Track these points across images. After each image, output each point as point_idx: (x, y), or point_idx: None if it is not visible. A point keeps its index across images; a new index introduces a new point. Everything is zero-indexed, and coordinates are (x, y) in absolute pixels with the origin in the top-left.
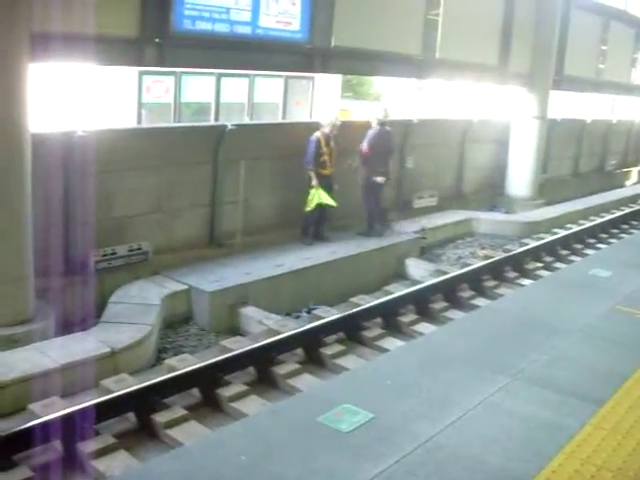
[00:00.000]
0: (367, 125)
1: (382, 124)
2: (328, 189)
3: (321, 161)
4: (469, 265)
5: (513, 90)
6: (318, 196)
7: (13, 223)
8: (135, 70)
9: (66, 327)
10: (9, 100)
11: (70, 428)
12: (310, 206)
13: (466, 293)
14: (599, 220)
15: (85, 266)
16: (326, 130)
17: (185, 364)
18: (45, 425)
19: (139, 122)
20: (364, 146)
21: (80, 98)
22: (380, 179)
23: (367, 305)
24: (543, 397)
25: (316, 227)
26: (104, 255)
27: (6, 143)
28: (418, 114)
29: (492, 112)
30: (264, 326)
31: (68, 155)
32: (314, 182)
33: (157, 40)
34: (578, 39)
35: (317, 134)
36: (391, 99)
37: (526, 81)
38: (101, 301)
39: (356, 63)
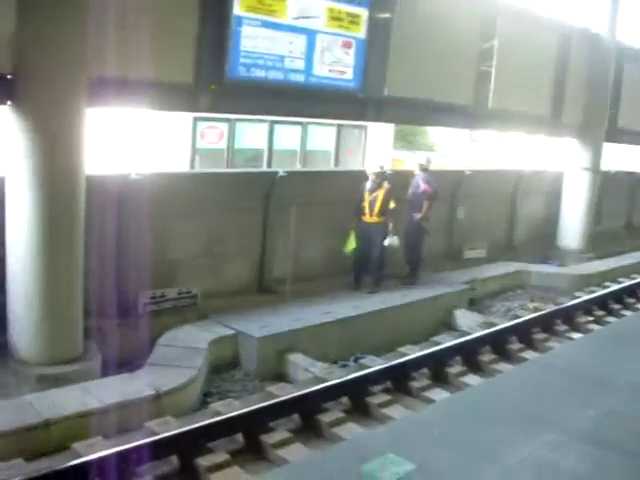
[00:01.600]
0: (411, 173)
1: (424, 170)
2: (367, 236)
3: (361, 207)
4: (518, 317)
5: (566, 142)
6: (349, 241)
7: (65, 264)
8: (190, 116)
9: (114, 368)
10: (67, 143)
11: (111, 469)
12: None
13: (515, 345)
14: None
15: (135, 308)
16: (370, 179)
17: (230, 409)
18: (86, 465)
19: (192, 167)
20: (425, 187)
21: (136, 142)
22: (428, 225)
23: (414, 355)
24: (591, 454)
25: (356, 275)
26: (154, 297)
27: (63, 187)
28: (470, 165)
29: (544, 163)
30: (310, 373)
31: (123, 198)
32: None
33: (212, 87)
34: (632, 90)
35: (366, 182)
36: (444, 149)
37: (579, 133)
38: (150, 343)
39: (408, 112)
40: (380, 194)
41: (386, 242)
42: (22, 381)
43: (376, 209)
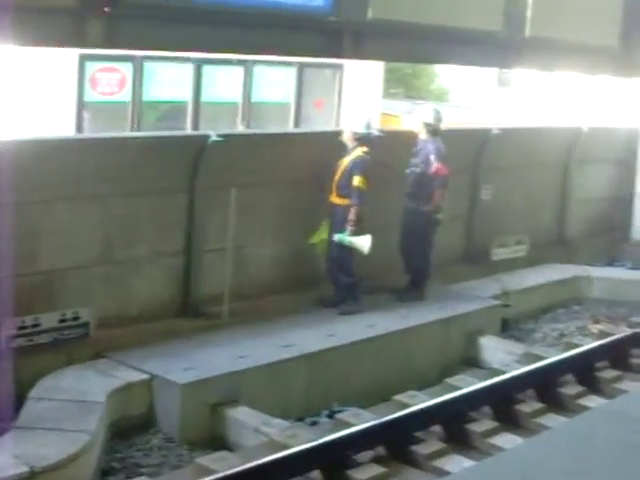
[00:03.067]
0: (412, 135)
1: (434, 134)
2: (332, 224)
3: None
4: (576, 347)
5: None
6: (320, 229)
7: None
8: (75, 53)
9: None
10: None
11: None
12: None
13: (571, 389)
14: None
15: None
16: (347, 141)
17: None
18: None
19: (79, 130)
20: (438, 167)
21: None
22: (441, 216)
23: (420, 407)
24: None
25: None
26: (22, 327)
27: None
28: (500, 121)
29: (611, 118)
30: (263, 436)
31: None
32: None
33: (105, 9)
34: None
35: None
36: (461, 99)
37: None
38: (18, 395)
39: (405, 45)
40: (343, 162)
41: (336, 237)
42: None
43: (335, 183)
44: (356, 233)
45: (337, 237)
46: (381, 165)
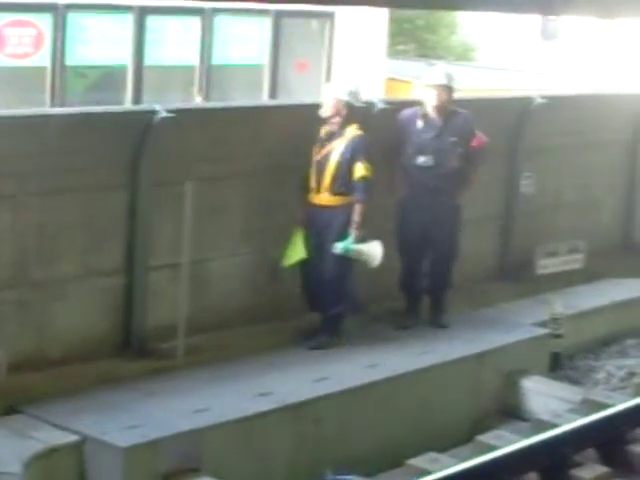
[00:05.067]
0: (417, 102)
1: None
2: (317, 233)
3: (305, 176)
4: None
5: None
6: (293, 243)
7: None
8: None
9: None
10: None
11: None
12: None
13: None
14: None
15: None
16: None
17: None
18: None
19: None
20: (481, 137)
21: None
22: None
23: (443, 474)
24: None
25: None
26: None
27: None
28: (544, 86)
29: None
30: None
31: None
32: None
33: None
34: None
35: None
36: (491, 57)
37: None
38: None
39: None
40: (334, 147)
41: (338, 248)
42: None
43: (326, 179)
44: (362, 240)
45: (340, 247)
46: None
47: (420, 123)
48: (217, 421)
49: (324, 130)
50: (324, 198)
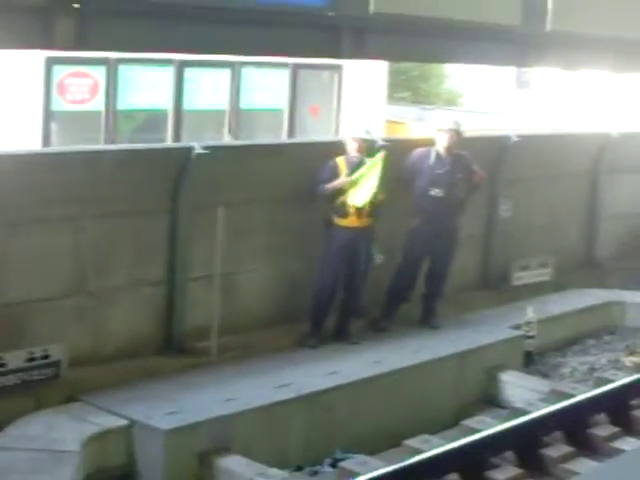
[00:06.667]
0: (430, 143)
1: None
2: (349, 253)
3: (338, 204)
4: (608, 382)
5: None
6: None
7: None
8: (41, 56)
9: None
10: None
11: None
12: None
13: (603, 430)
14: None
15: None
16: (352, 151)
17: None
18: None
19: (46, 143)
20: (479, 173)
21: None
22: None
23: (434, 452)
24: None
25: (339, 317)
26: None
27: None
28: (519, 127)
29: None
30: None
31: None
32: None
33: (75, 5)
34: None
35: (338, 160)
36: (475, 103)
37: None
38: None
39: (412, 41)
40: (371, 171)
41: (379, 259)
42: None
43: (368, 200)
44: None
45: (379, 258)
46: None
47: (433, 160)
48: (244, 408)
49: (348, 163)
50: (362, 220)
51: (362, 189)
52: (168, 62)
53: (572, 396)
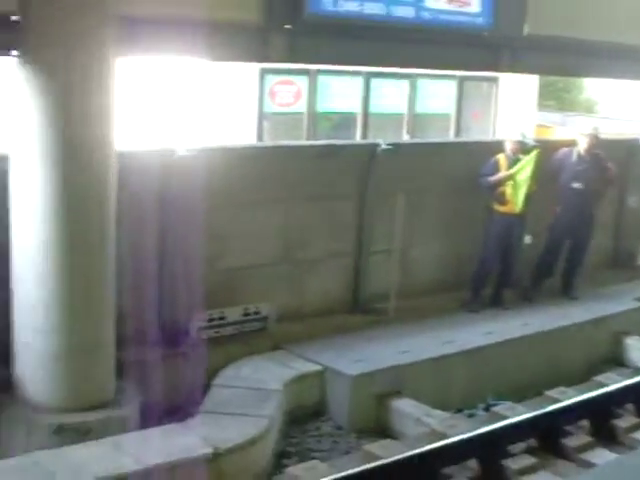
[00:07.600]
0: (572, 144)
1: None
2: (505, 236)
3: (498, 193)
4: None
5: None
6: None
7: (89, 271)
8: (255, 67)
9: (156, 416)
10: (88, 107)
11: None
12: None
13: None
14: None
15: (183, 335)
16: (510, 150)
17: (314, 475)
18: None
19: (260, 138)
20: (612, 169)
21: (181, 106)
22: None
23: (569, 402)
24: None
25: (495, 287)
26: (210, 320)
27: (86, 166)
28: None
29: None
30: (424, 426)
31: (165, 183)
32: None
33: (287, 26)
34: None
35: (499, 156)
36: (608, 110)
37: None
38: (204, 382)
39: (559, 58)
40: (527, 167)
41: (528, 239)
42: (32, 433)
43: (523, 191)
44: None
45: (529, 239)
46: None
47: (575, 158)
48: (415, 360)
49: (507, 158)
50: (522, 208)
51: (519, 182)
52: (358, 73)
53: None
